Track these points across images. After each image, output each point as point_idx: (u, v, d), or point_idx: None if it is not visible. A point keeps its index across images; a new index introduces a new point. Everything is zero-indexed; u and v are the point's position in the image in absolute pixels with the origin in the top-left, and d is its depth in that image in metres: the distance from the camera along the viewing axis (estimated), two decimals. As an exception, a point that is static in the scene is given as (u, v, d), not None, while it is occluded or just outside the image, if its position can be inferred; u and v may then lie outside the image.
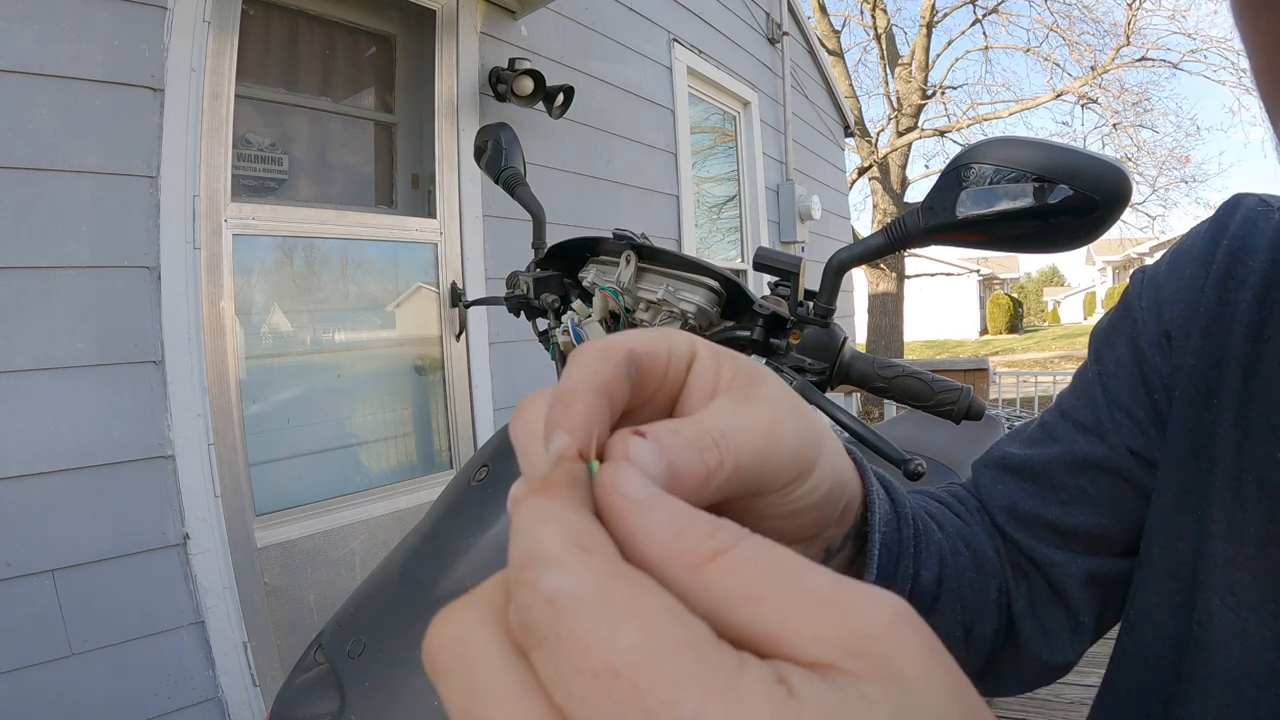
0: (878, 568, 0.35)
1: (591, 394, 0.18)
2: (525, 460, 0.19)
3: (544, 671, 0.13)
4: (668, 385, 0.21)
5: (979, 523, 0.49)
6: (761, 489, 0.22)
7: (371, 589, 0.76)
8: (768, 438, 0.21)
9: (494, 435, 0.85)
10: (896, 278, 9.47)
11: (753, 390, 0.21)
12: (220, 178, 1.68)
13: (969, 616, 0.44)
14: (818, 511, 0.26)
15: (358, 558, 1.92)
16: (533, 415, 0.20)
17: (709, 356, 0.21)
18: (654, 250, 0.78)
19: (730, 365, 0.22)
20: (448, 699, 0.14)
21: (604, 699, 0.12)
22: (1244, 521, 0.39)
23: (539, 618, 0.13)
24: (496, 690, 0.14)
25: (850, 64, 11.21)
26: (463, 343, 2.29)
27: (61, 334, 1.40)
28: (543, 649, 0.13)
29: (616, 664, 0.12)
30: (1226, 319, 0.42)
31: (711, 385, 0.21)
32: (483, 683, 0.14)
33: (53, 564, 1.37)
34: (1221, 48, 9.72)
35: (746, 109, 4.20)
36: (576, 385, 0.18)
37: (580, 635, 0.13)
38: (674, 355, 0.21)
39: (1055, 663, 0.47)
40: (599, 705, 0.12)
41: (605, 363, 0.19)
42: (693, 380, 0.21)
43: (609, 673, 0.12)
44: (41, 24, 1.39)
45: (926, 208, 0.56)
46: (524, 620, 0.14)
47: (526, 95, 2.32)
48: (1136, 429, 0.46)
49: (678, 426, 0.19)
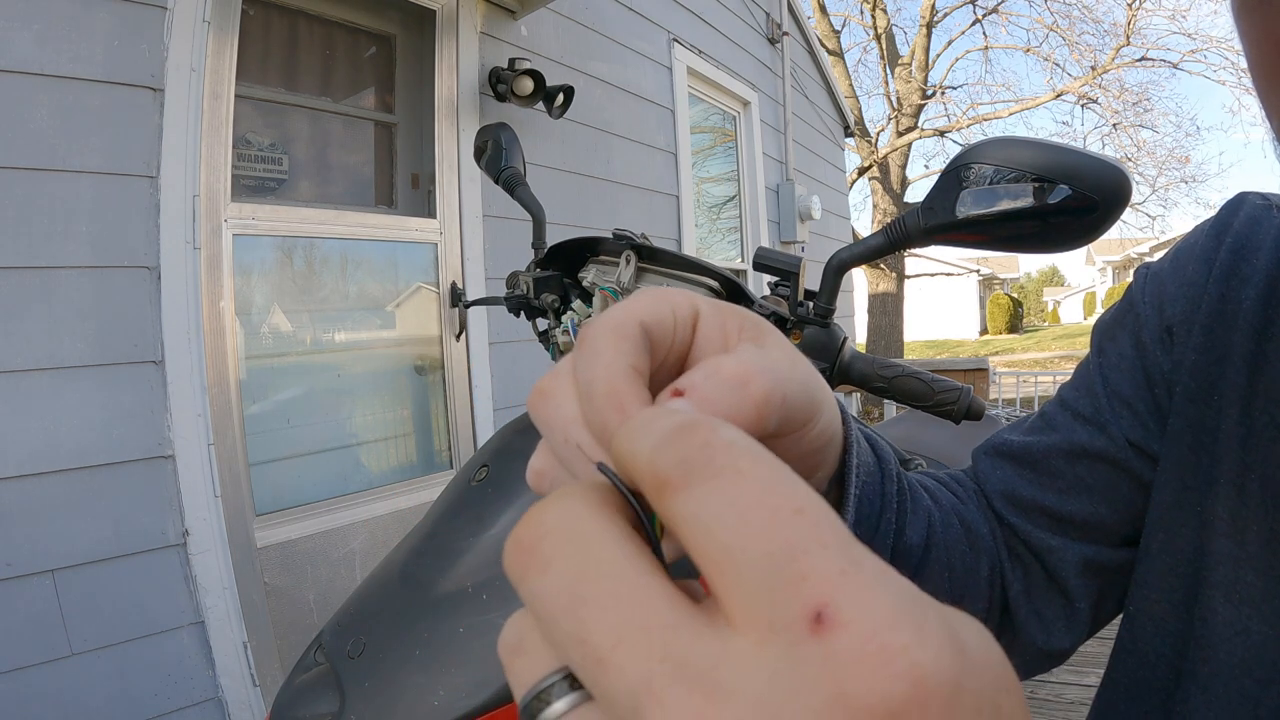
0: (857, 517, 0.35)
1: (629, 383, 0.18)
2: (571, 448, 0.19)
3: (700, 516, 0.13)
4: (677, 347, 0.21)
5: (975, 504, 0.50)
6: (784, 428, 0.22)
7: (371, 589, 0.76)
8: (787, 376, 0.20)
9: (494, 435, 0.85)
10: (896, 278, 9.47)
11: (763, 337, 0.21)
12: (220, 178, 1.68)
13: (958, 588, 0.44)
14: (820, 455, 0.26)
15: (358, 558, 1.92)
16: (562, 399, 0.19)
17: (712, 312, 0.21)
18: (654, 250, 0.78)
19: (735, 318, 0.22)
20: (550, 592, 0.13)
21: (783, 534, 0.12)
22: (1247, 518, 0.39)
23: (717, 456, 0.13)
24: (620, 562, 0.13)
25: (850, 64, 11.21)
26: (463, 343, 2.29)
27: (61, 334, 1.40)
28: (707, 490, 0.13)
29: (797, 502, 0.13)
30: (1229, 316, 0.43)
31: (720, 338, 0.21)
32: (602, 558, 0.13)
33: (53, 564, 1.37)
34: (1221, 48, 9.72)
35: (746, 109, 4.20)
36: (614, 376, 0.18)
37: (754, 474, 0.13)
38: (678, 317, 0.20)
39: (1051, 649, 0.47)
40: (775, 541, 0.12)
41: (626, 341, 0.19)
42: (701, 337, 0.21)
43: (792, 509, 0.13)
44: (41, 24, 1.39)
45: (926, 208, 0.56)
46: (686, 462, 0.13)
47: (526, 95, 2.32)
48: (1136, 421, 0.46)
49: (715, 369, 0.19)
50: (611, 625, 0.13)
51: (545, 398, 0.20)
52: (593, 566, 0.13)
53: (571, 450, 0.19)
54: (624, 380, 0.18)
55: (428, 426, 2.27)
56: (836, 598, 0.12)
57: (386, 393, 2.16)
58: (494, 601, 0.66)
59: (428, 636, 0.66)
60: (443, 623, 0.66)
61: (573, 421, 0.19)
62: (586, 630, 0.13)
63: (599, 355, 0.18)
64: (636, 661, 0.12)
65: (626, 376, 0.18)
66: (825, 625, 0.11)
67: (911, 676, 0.11)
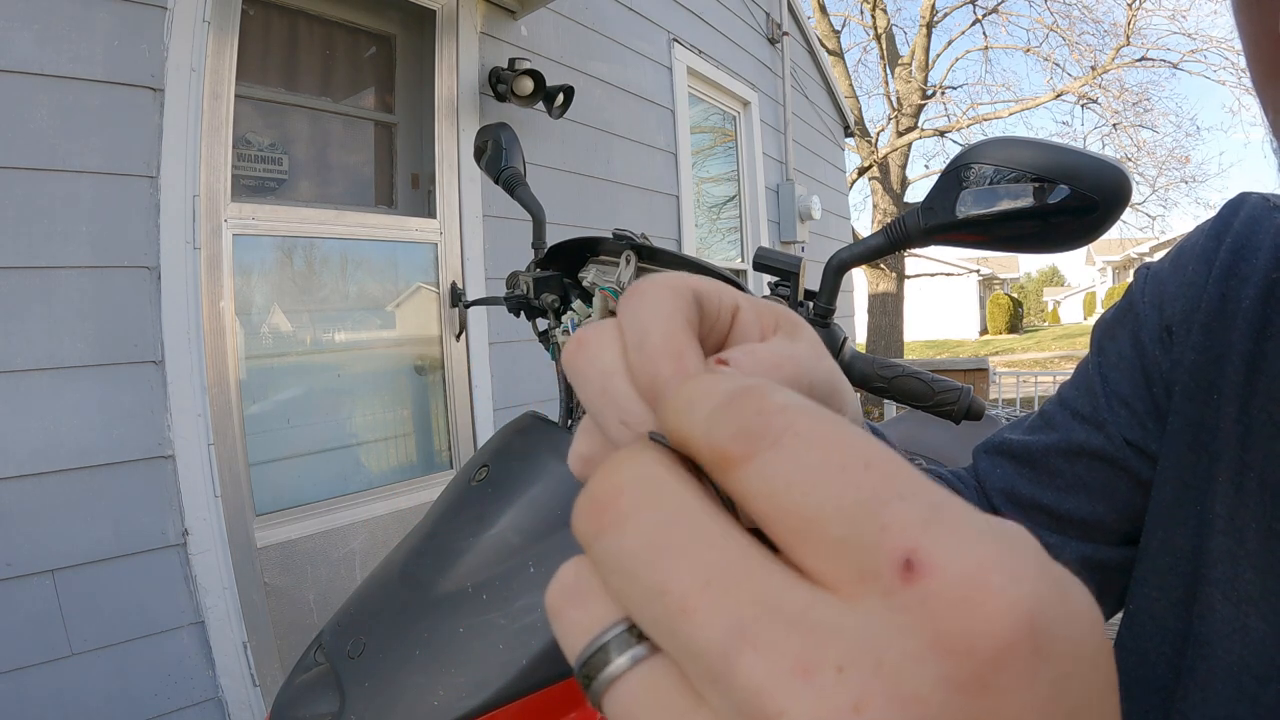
0: None
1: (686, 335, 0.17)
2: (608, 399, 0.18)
3: (774, 476, 0.13)
4: (716, 331, 0.20)
5: (976, 502, 0.50)
6: None
7: (371, 589, 0.76)
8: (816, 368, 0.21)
9: (494, 435, 0.85)
10: (896, 278, 9.46)
11: (797, 332, 0.22)
12: (220, 178, 1.68)
13: None
14: None
15: (358, 558, 1.92)
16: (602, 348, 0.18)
17: (750, 307, 0.21)
18: (654, 250, 0.78)
19: (771, 314, 0.22)
20: (629, 546, 0.13)
21: (859, 488, 0.12)
22: (1246, 516, 0.39)
23: (773, 421, 0.13)
24: (701, 513, 0.13)
25: (850, 64, 11.21)
26: (463, 343, 2.29)
27: (61, 334, 1.40)
28: (779, 452, 0.13)
29: (868, 457, 0.13)
30: (1228, 316, 0.43)
31: (757, 333, 0.21)
32: (683, 508, 0.13)
33: (53, 564, 1.37)
34: (1221, 48, 9.72)
35: (746, 109, 4.20)
36: (672, 327, 0.17)
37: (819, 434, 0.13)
38: (723, 302, 0.20)
39: None
40: (854, 493, 0.12)
41: (681, 299, 0.18)
42: (737, 329, 0.21)
43: (861, 464, 0.12)
44: (41, 24, 1.39)
45: (926, 208, 0.56)
46: (753, 428, 0.13)
47: (526, 95, 2.32)
48: (1134, 420, 0.46)
49: (753, 349, 0.19)
50: (698, 572, 0.12)
51: (583, 347, 0.19)
52: (674, 518, 0.13)
53: (607, 402, 0.18)
54: (682, 332, 0.17)
55: (428, 426, 2.27)
56: (924, 543, 0.11)
57: (386, 393, 2.16)
58: (494, 601, 0.66)
59: (428, 636, 0.66)
60: (443, 623, 0.66)
61: (613, 373, 0.18)
62: (670, 579, 0.12)
63: (655, 306, 0.18)
64: (727, 606, 0.12)
65: (684, 329, 0.17)
66: (916, 571, 0.11)
67: (1011, 615, 0.11)
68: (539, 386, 2.49)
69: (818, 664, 0.11)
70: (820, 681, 0.11)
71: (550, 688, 0.63)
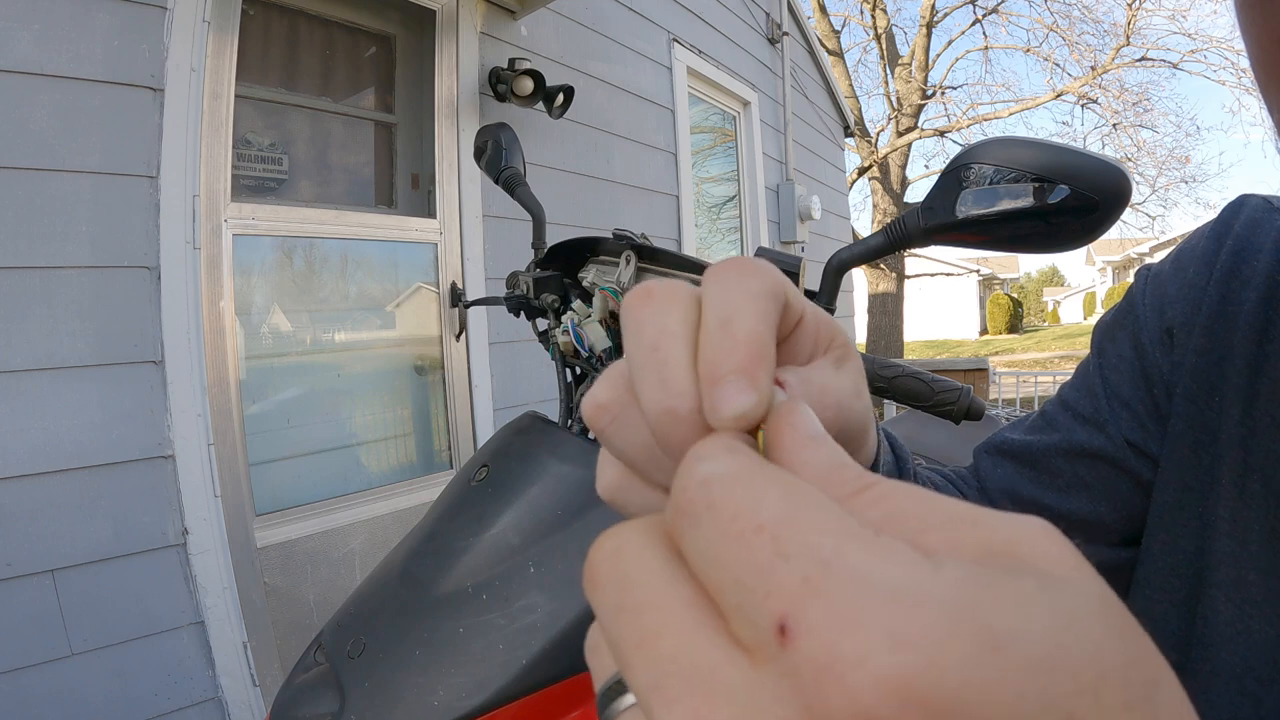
0: None
1: (769, 342, 0.17)
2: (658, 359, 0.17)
3: (695, 549, 0.14)
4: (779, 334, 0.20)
5: (977, 502, 0.50)
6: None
7: (371, 589, 0.76)
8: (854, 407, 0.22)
9: (494, 435, 0.85)
10: (896, 278, 9.47)
11: (845, 360, 0.22)
12: (220, 178, 1.68)
13: None
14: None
15: (358, 558, 1.92)
16: (671, 310, 0.18)
17: (813, 317, 0.21)
18: (654, 250, 0.78)
19: (828, 330, 0.22)
20: (600, 603, 0.15)
21: (749, 554, 0.13)
22: (1249, 518, 0.39)
23: (694, 498, 0.14)
24: (650, 581, 0.14)
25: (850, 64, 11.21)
26: (463, 343, 2.29)
27: (61, 334, 1.40)
28: (696, 527, 0.14)
29: (760, 519, 0.13)
30: (1230, 318, 0.43)
31: (812, 345, 0.21)
32: (636, 577, 0.15)
33: (53, 564, 1.37)
34: (1221, 48, 9.72)
35: (746, 109, 4.20)
36: (762, 330, 0.17)
37: (727, 503, 0.14)
38: (793, 309, 0.20)
39: None
40: (744, 561, 0.13)
41: (775, 304, 0.18)
42: (798, 336, 0.21)
43: (753, 528, 0.13)
44: (41, 24, 1.39)
45: (926, 208, 0.56)
46: (680, 505, 0.15)
47: (526, 95, 2.32)
48: (1135, 421, 0.46)
49: (807, 376, 0.20)
50: (635, 630, 0.14)
51: (652, 299, 0.18)
52: (630, 583, 0.15)
53: (655, 361, 0.17)
54: (768, 334, 0.17)
55: (428, 426, 2.27)
56: (796, 608, 0.12)
57: (386, 393, 2.16)
58: (494, 601, 0.66)
59: (428, 636, 0.66)
60: (443, 623, 0.66)
61: (673, 335, 0.17)
62: (619, 635, 0.14)
63: (749, 297, 0.18)
64: (650, 663, 0.13)
65: (770, 332, 0.18)
66: (788, 636, 0.12)
67: (875, 685, 0.10)
68: (539, 386, 2.49)
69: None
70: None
71: (550, 688, 0.63)
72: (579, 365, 0.86)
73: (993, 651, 0.10)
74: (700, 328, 0.17)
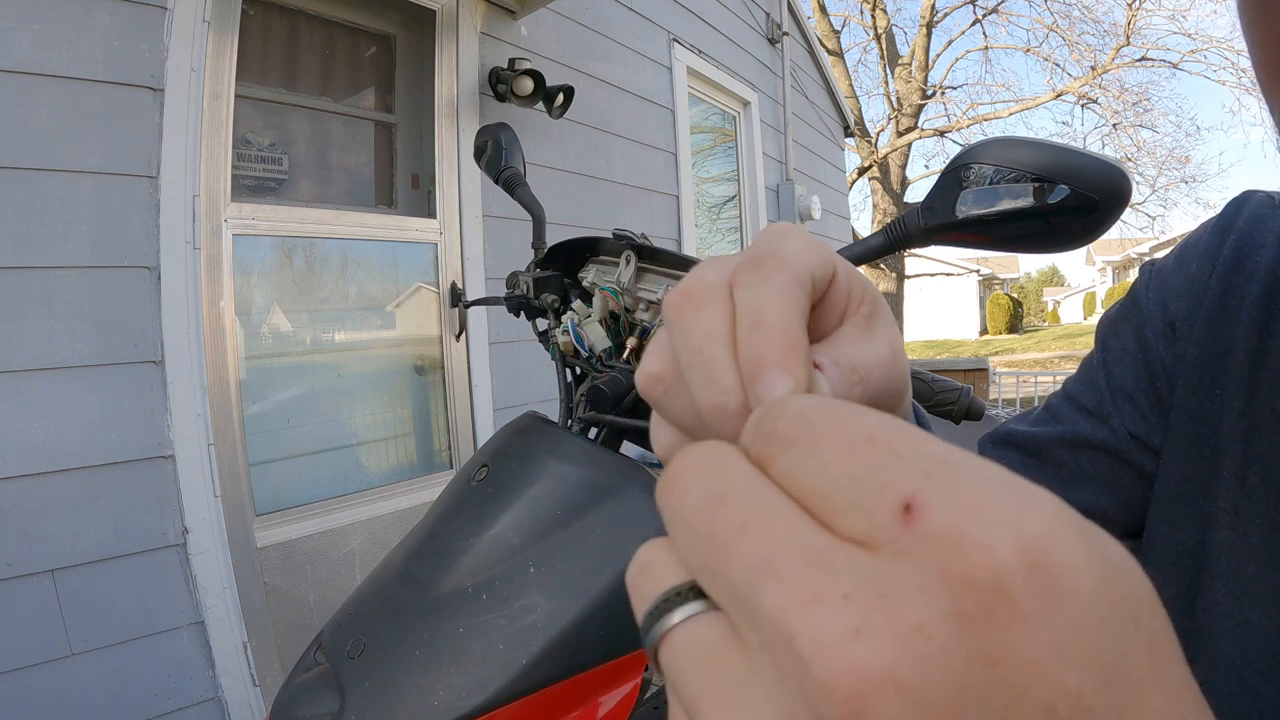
0: None
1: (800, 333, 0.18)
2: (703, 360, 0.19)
3: (793, 465, 0.14)
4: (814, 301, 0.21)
5: None
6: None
7: (371, 589, 0.76)
8: (888, 372, 0.21)
9: (494, 435, 0.85)
10: (896, 278, 9.47)
11: (875, 319, 0.22)
12: (220, 178, 1.68)
13: None
14: None
15: (358, 558, 1.92)
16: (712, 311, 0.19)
17: (844, 275, 0.22)
18: (654, 250, 0.78)
19: (859, 287, 0.22)
20: (687, 501, 0.15)
21: (864, 458, 0.14)
22: (1249, 511, 0.40)
23: (791, 424, 0.15)
24: (749, 477, 0.15)
25: (850, 64, 11.21)
26: (463, 343, 2.29)
27: (61, 334, 1.40)
28: (794, 446, 0.15)
29: (869, 433, 0.14)
30: (1232, 312, 0.43)
31: (843, 305, 0.21)
32: (736, 473, 0.15)
33: (53, 564, 1.37)
34: (1221, 48, 9.72)
35: (746, 109, 4.20)
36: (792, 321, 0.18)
37: (830, 423, 0.14)
38: (824, 275, 0.21)
39: None
40: (859, 463, 0.13)
41: (800, 289, 0.19)
42: (829, 297, 0.21)
43: (864, 440, 0.14)
44: (41, 24, 1.39)
45: (926, 208, 0.56)
46: (772, 432, 0.15)
47: (526, 95, 2.32)
48: (1137, 414, 0.47)
49: (839, 354, 0.20)
50: (738, 518, 0.14)
51: (692, 302, 0.19)
52: (726, 479, 0.15)
53: (701, 362, 0.19)
54: (797, 325, 0.18)
55: (428, 426, 2.27)
56: (921, 490, 0.12)
57: (386, 393, 2.16)
58: (494, 601, 0.66)
59: (428, 636, 0.66)
60: (443, 623, 0.66)
61: (715, 336, 0.19)
62: (717, 524, 0.14)
63: (776, 290, 0.19)
64: (759, 543, 0.13)
65: (799, 322, 0.18)
66: (914, 514, 0.12)
67: (1011, 548, 0.11)
68: (539, 386, 2.49)
69: (827, 593, 0.12)
70: (827, 608, 0.12)
71: (550, 688, 0.63)
72: (579, 365, 0.86)
73: (1092, 541, 0.12)
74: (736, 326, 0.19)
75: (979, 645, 0.11)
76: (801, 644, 0.12)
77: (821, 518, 0.14)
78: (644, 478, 0.72)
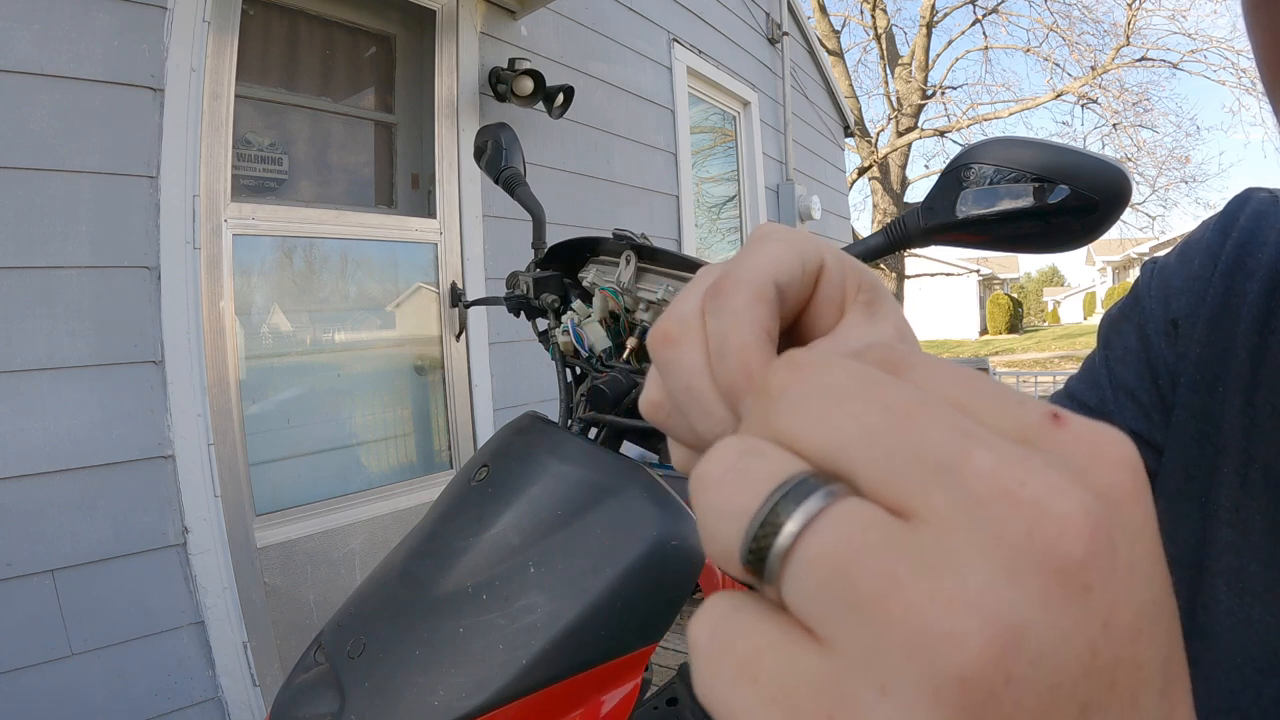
0: None
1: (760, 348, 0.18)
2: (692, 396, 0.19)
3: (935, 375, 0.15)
4: (801, 300, 0.21)
5: None
6: None
7: (371, 589, 0.76)
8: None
9: (494, 435, 0.85)
10: (896, 278, 9.47)
11: (876, 304, 0.22)
12: (220, 178, 1.68)
13: None
14: None
15: (358, 558, 1.92)
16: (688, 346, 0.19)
17: (835, 265, 0.21)
18: (654, 250, 0.78)
19: (855, 274, 0.22)
20: (834, 380, 0.15)
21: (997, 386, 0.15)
22: (1250, 508, 0.40)
23: (908, 359, 0.16)
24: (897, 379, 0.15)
25: (850, 64, 11.22)
26: (463, 343, 2.29)
27: (61, 334, 1.40)
28: (914, 369, 0.15)
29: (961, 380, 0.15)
30: (1233, 309, 0.43)
31: (840, 295, 0.21)
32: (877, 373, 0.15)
33: (53, 564, 1.37)
34: (1221, 48, 9.72)
35: (746, 109, 4.20)
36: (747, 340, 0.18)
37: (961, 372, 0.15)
38: (806, 272, 0.21)
39: None
40: (999, 386, 0.15)
41: (761, 304, 0.19)
42: (821, 290, 0.21)
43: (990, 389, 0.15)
44: (41, 24, 1.39)
45: (926, 208, 0.56)
46: (891, 358, 0.16)
47: (526, 95, 2.32)
48: (1139, 411, 0.47)
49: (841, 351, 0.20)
50: (908, 396, 0.14)
51: (670, 343, 0.20)
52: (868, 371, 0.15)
53: (691, 399, 0.19)
54: (757, 346, 0.18)
55: (428, 426, 2.27)
56: (1057, 410, 0.14)
57: (386, 393, 2.16)
58: (494, 601, 0.66)
59: (428, 636, 0.66)
60: (443, 623, 0.66)
61: (697, 371, 0.19)
62: (889, 396, 0.14)
63: (735, 313, 0.19)
64: (946, 415, 0.14)
65: (760, 342, 0.18)
66: (1062, 420, 0.14)
67: (1129, 455, 0.14)
68: (539, 386, 2.49)
69: (1032, 459, 0.13)
70: (1039, 465, 0.13)
71: (550, 688, 0.63)
72: (579, 365, 0.86)
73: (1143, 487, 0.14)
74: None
75: (1126, 516, 0.13)
76: (1033, 489, 0.12)
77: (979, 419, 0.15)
78: (644, 478, 0.72)
